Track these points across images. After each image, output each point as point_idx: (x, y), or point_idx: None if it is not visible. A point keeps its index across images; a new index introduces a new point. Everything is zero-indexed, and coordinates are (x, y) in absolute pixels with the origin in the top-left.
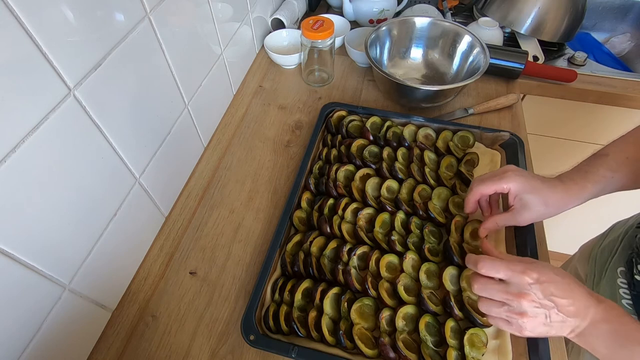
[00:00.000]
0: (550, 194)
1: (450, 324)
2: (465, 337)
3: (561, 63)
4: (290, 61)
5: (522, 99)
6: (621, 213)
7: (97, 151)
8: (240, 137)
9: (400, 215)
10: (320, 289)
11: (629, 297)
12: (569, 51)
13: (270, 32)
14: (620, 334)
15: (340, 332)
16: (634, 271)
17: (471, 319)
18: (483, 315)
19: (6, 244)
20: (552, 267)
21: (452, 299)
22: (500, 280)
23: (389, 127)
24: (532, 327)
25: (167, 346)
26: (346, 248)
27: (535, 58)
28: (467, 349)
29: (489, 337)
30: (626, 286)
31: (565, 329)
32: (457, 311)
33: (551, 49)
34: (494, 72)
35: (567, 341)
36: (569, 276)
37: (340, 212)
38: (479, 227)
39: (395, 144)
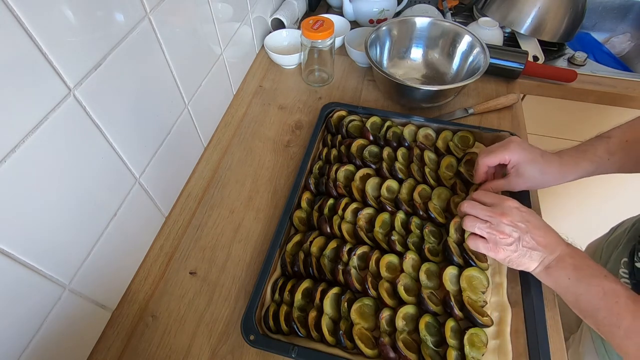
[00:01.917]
0: (546, 166)
1: (450, 324)
2: (466, 337)
3: (561, 63)
4: (290, 61)
5: (522, 99)
6: (625, 213)
7: (97, 151)
8: (240, 137)
9: (400, 215)
10: (320, 289)
11: (629, 286)
12: (569, 51)
13: (270, 32)
14: (581, 269)
15: (340, 332)
16: (635, 259)
17: (471, 319)
18: (483, 315)
19: (6, 244)
20: (530, 211)
21: (452, 299)
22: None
23: (389, 127)
24: (506, 245)
25: (167, 346)
26: (346, 248)
27: (535, 58)
28: (467, 349)
29: (489, 337)
30: (627, 276)
31: (534, 258)
32: (457, 311)
33: (551, 49)
34: (494, 72)
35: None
36: (544, 221)
37: (340, 212)
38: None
39: (395, 144)
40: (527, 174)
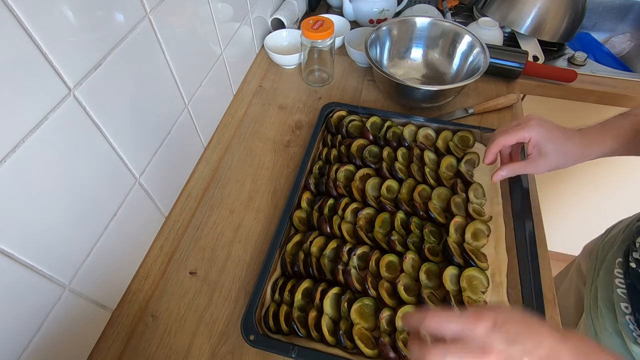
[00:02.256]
0: (570, 144)
1: None
2: None
3: (561, 63)
4: (290, 61)
5: (522, 99)
6: (623, 214)
7: (97, 151)
8: (240, 137)
9: (400, 215)
10: (320, 289)
11: (623, 286)
12: (569, 51)
13: (270, 32)
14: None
15: (340, 332)
16: (630, 258)
17: None
18: None
19: (6, 244)
20: (502, 307)
21: (452, 299)
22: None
23: (388, 127)
24: None
25: (167, 346)
26: (346, 248)
27: (535, 58)
28: None
29: None
30: (622, 276)
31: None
32: (457, 311)
33: (551, 49)
34: (494, 72)
35: None
36: (525, 313)
37: (340, 212)
38: (493, 174)
39: (395, 144)
40: (550, 153)
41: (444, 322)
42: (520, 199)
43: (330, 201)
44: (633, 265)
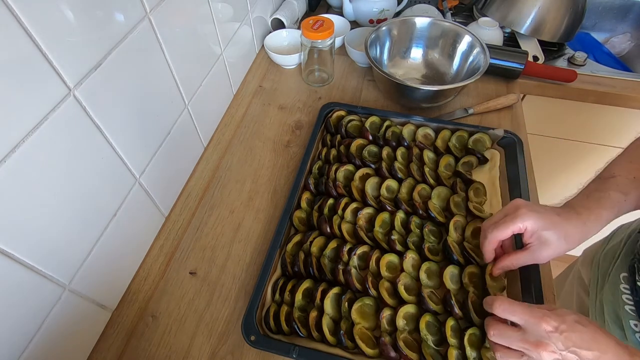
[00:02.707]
0: (569, 227)
1: (450, 323)
2: (465, 338)
3: (561, 63)
4: (290, 61)
5: (522, 99)
6: (624, 217)
7: (97, 151)
8: (240, 137)
9: (400, 215)
10: (320, 289)
11: (631, 302)
12: (569, 51)
13: (270, 32)
14: None
15: (341, 332)
16: (636, 277)
17: (470, 317)
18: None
19: (6, 244)
20: (575, 314)
21: (453, 298)
22: (517, 326)
23: (388, 127)
24: None
25: (167, 346)
26: (346, 248)
27: (535, 58)
28: (468, 350)
29: None
30: (629, 292)
31: None
32: (457, 310)
33: (551, 49)
34: (494, 72)
35: None
36: (593, 324)
37: (340, 212)
38: (492, 267)
39: (394, 144)
40: (553, 241)
41: (513, 309)
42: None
43: (330, 201)
44: None
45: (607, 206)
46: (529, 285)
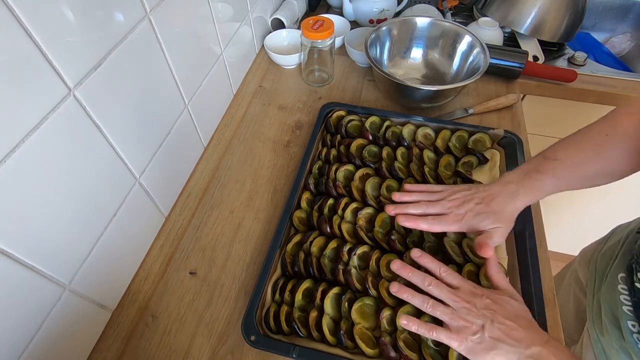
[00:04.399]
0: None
1: None
2: None
3: (561, 63)
4: (290, 61)
5: (522, 99)
6: (622, 215)
7: (97, 151)
8: (240, 137)
9: None
10: (320, 289)
11: (629, 303)
12: (569, 51)
13: (270, 32)
14: None
15: (341, 332)
16: (634, 278)
17: None
18: None
19: (6, 244)
20: (515, 299)
21: None
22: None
23: (388, 127)
24: (470, 335)
25: (167, 346)
26: (346, 248)
27: (535, 58)
28: None
29: None
30: (627, 292)
31: (503, 353)
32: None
33: (551, 49)
34: (494, 72)
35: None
36: (525, 311)
37: (340, 212)
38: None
39: (394, 144)
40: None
41: (454, 274)
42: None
43: (330, 201)
44: (639, 285)
45: (539, 188)
46: (529, 285)
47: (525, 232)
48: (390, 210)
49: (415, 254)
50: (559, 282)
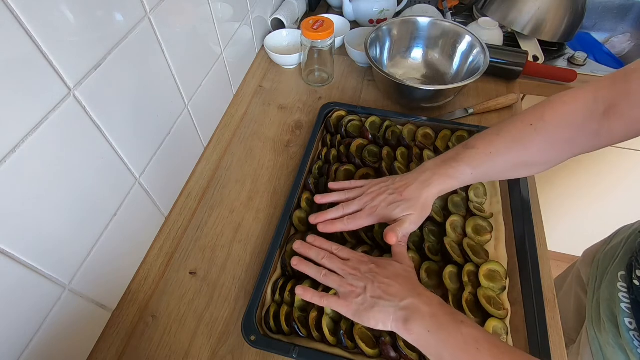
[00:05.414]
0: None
1: None
2: None
3: (561, 63)
4: (290, 61)
5: (522, 99)
6: (627, 216)
7: (97, 151)
8: (240, 137)
9: None
10: (320, 289)
11: (627, 301)
12: (569, 51)
13: (270, 32)
14: (437, 316)
15: (341, 331)
16: (633, 276)
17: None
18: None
19: (6, 244)
20: (400, 262)
21: (451, 297)
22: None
23: (388, 127)
24: (355, 298)
25: (167, 346)
26: None
27: (535, 58)
28: None
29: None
30: (625, 290)
31: (384, 309)
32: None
33: (551, 49)
34: (494, 72)
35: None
36: (406, 271)
37: None
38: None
39: (394, 144)
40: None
41: (334, 263)
42: (520, 198)
43: None
44: (637, 282)
45: (453, 176)
46: (529, 285)
47: (525, 231)
48: (312, 220)
49: (310, 239)
50: (561, 282)
